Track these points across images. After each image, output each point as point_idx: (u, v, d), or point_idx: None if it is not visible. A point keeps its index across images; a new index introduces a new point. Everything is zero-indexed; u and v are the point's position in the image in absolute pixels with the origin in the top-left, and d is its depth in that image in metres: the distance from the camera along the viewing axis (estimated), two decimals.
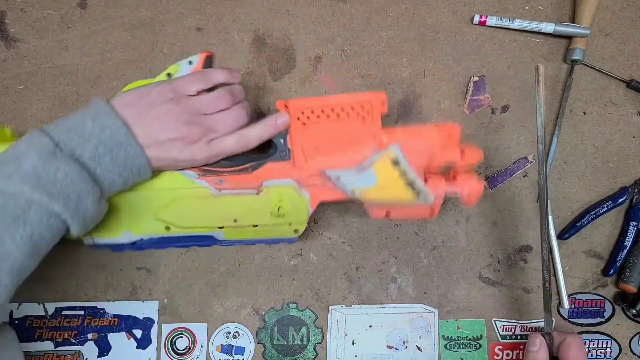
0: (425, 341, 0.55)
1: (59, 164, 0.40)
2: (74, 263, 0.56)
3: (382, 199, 0.47)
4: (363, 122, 0.46)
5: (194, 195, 0.48)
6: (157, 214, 0.48)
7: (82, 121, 0.42)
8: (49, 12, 0.59)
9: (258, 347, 0.55)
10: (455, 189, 0.47)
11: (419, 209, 0.48)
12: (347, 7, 0.59)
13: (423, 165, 0.46)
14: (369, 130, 0.46)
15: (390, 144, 0.46)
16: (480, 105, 0.58)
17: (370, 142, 0.47)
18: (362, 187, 0.46)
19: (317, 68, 0.58)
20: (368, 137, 0.47)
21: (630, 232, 0.55)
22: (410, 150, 0.46)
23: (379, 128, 0.46)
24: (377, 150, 0.46)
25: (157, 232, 0.49)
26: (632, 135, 0.57)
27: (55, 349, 0.55)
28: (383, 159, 0.46)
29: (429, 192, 0.46)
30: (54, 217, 0.40)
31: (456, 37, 0.59)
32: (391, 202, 0.47)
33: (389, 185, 0.46)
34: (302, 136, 0.47)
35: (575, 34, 0.57)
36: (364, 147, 0.47)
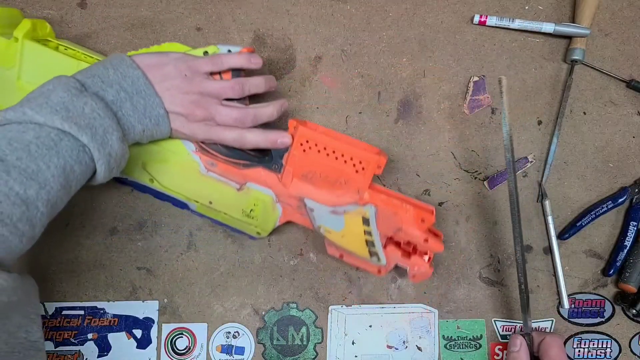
0: (425, 341, 0.55)
1: (86, 99, 0.42)
2: (74, 263, 0.56)
3: (341, 245, 0.50)
4: (355, 173, 0.49)
5: (185, 165, 0.51)
6: (146, 166, 0.51)
7: (104, 69, 0.45)
8: (49, 12, 0.59)
9: (258, 347, 0.55)
10: (407, 265, 0.50)
11: (370, 265, 0.51)
12: (347, 7, 0.59)
13: (388, 234, 0.50)
14: (357, 182, 0.49)
15: (369, 204, 0.49)
16: (480, 105, 0.58)
17: (353, 194, 0.50)
18: (329, 227, 0.50)
19: (317, 68, 0.58)
20: (353, 188, 0.50)
21: (630, 232, 0.55)
22: (383, 216, 0.49)
23: (366, 185, 0.49)
24: (356, 203, 0.50)
25: (141, 180, 0.52)
26: (632, 135, 0.57)
27: (55, 349, 0.55)
28: (356, 213, 0.49)
29: (382, 257, 0.50)
30: (83, 151, 0.41)
31: (456, 37, 0.59)
32: (348, 250, 0.50)
33: (351, 237, 0.50)
34: (298, 160, 0.50)
35: (575, 34, 0.57)
36: (346, 195, 0.50)
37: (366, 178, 0.49)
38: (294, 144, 0.50)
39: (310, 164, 0.50)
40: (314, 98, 0.58)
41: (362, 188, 0.49)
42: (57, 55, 0.53)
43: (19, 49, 0.51)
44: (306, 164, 0.50)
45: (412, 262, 0.50)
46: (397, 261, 0.50)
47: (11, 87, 0.52)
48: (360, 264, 0.52)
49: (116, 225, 0.56)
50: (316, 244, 0.56)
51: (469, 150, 0.57)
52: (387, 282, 0.56)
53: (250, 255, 0.56)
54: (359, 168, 0.49)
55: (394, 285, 0.56)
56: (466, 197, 0.57)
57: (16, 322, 0.39)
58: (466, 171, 0.57)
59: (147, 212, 0.56)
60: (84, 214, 0.56)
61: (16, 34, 0.51)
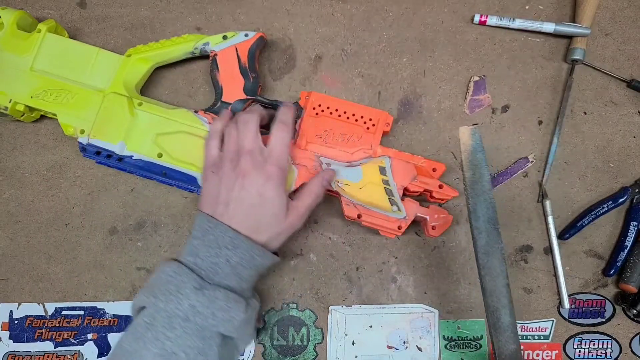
0: (425, 341, 0.55)
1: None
2: (74, 263, 0.56)
3: (360, 199, 0.51)
4: (366, 131, 0.52)
5: (197, 134, 0.53)
6: (156, 139, 0.52)
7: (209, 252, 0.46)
8: (49, 12, 0.59)
9: (258, 348, 0.55)
10: (426, 215, 0.51)
11: (389, 221, 0.50)
12: (347, 6, 0.59)
13: (404, 184, 0.51)
14: (369, 138, 0.52)
15: (384, 155, 0.52)
16: (480, 105, 0.58)
17: (366, 148, 0.52)
18: (347, 180, 0.51)
19: (317, 68, 0.58)
20: (366, 144, 0.52)
21: (631, 232, 0.55)
22: (398, 167, 0.51)
23: (377, 140, 0.52)
24: (370, 157, 0.52)
25: (148, 155, 0.52)
26: (633, 135, 0.57)
27: (55, 349, 0.55)
28: (373, 163, 0.51)
29: (402, 207, 0.50)
30: None
31: (456, 36, 0.59)
32: (367, 204, 0.51)
33: (370, 187, 0.51)
34: (311, 123, 0.53)
35: (576, 34, 0.57)
36: (360, 150, 0.52)
37: (377, 134, 0.52)
38: (307, 110, 0.53)
39: (322, 125, 0.53)
40: None
41: (374, 142, 0.52)
42: (76, 43, 0.55)
43: (39, 39, 0.54)
44: (319, 125, 0.53)
45: (432, 211, 0.51)
46: (416, 211, 0.51)
47: (22, 74, 0.54)
48: (380, 221, 0.50)
49: (116, 225, 0.56)
50: (316, 244, 0.56)
51: None
52: (388, 282, 0.56)
53: None
54: (369, 125, 0.52)
55: (394, 286, 0.56)
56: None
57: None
58: None
59: (147, 212, 0.56)
60: (84, 214, 0.56)
61: (40, 27, 0.54)
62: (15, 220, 0.57)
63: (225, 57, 0.54)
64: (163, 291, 0.43)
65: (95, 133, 0.52)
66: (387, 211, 0.50)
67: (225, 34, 0.54)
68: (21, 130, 0.58)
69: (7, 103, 0.53)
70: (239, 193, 0.46)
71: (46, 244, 0.56)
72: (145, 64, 0.55)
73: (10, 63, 0.53)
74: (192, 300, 0.42)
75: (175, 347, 0.41)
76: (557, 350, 0.55)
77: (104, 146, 0.52)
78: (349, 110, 0.53)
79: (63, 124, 0.53)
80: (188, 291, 0.42)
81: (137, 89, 0.55)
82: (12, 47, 0.53)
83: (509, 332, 0.43)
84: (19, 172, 0.57)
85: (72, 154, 0.57)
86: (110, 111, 0.52)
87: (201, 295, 0.43)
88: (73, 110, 0.53)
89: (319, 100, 0.53)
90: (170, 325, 0.42)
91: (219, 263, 0.44)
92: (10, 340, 0.55)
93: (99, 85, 0.54)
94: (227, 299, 0.43)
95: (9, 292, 0.56)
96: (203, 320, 0.42)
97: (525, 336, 0.55)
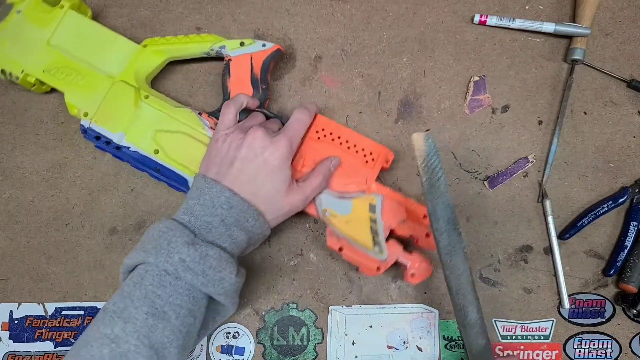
0: (425, 341, 0.55)
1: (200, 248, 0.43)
2: (74, 263, 0.56)
3: (344, 232, 0.49)
4: (365, 164, 0.51)
5: (197, 137, 0.53)
6: (156, 135, 0.53)
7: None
8: None
9: (258, 348, 0.55)
10: (408, 261, 0.50)
11: (369, 260, 0.49)
12: (347, 6, 0.59)
13: (392, 225, 0.50)
14: (366, 172, 0.51)
15: (376, 193, 0.50)
16: (480, 105, 0.58)
17: (361, 182, 0.51)
18: (335, 211, 0.49)
19: (317, 68, 0.58)
20: (361, 177, 0.51)
21: (631, 232, 0.55)
22: (389, 207, 0.50)
23: (374, 176, 0.51)
24: (363, 192, 0.51)
25: (145, 149, 0.52)
26: (633, 135, 0.57)
27: (55, 349, 0.55)
28: (364, 199, 0.49)
29: (385, 249, 0.49)
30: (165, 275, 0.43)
31: (456, 36, 0.59)
32: (351, 238, 0.49)
33: (357, 223, 0.49)
34: (311, 146, 0.52)
35: (576, 34, 0.57)
36: (354, 184, 0.51)
37: (375, 170, 0.51)
38: (310, 131, 0.52)
39: (321, 151, 0.52)
40: (314, 98, 0.58)
41: (370, 178, 0.51)
42: (95, 25, 0.55)
43: (60, 15, 0.54)
44: (318, 150, 0.52)
45: (414, 258, 0.50)
46: (398, 256, 0.50)
47: (39, 47, 0.54)
48: (360, 258, 0.50)
49: (116, 225, 0.56)
50: (316, 244, 0.56)
51: (469, 150, 0.57)
52: (388, 282, 0.56)
53: (250, 255, 0.56)
54: (369, 159, 0.51)
55: (394, 286, 0.56)
56: (466, 197, 0.57)
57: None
58: (466, 171, 0.57)
59: (147, 212, 0.56)
60: (84, 214, 0.57)
61: (63, 2, 0.55)
62: (15, 220, 0.57)
63: (238, 64, 0.53)
64: (154, 245, 0.42)
65: (97, 118, 0.52)
66: (368, 250, 0.49)
67: (243, 41, 0.54)
68: (21, 130, 0.58)
69: (19, 73, 0.54)
70: (246, 152, 0.46)
71: (46, 244, 0.56)
72: (160, 57, 0.55)
73: (29, 34, 0.54)
74: (182, 254, 0.41)
75: (166, 305, 0.41)
76: (557, 350, 0.55)
77: (104, 133, 0.52)
78: (351, 140, 0.52)
79: (69, 103, 0.53)
80: (179, 245, 0.42)
81: (147, 80, 0.56)
82: (34, 18, 0.54)
83: (477, 327, 0.45)
84: (19, 172, 0.57)
85: (72, 154, 0.57)
86: (115, 99, 0.53)
87: (193, 250, 0.42)
88: (81, 92, 0.53)
89: (324, 124, 0.52)
90: (160, 283, 0.41)
91: (213, 222, 0.44)
92: (10, 340, 0.55)
93: (110, 71, 0.54)
94: (219, 258, 0.43)
95: (9, 292, 0.56)
96: (193, 277, 0.41)
97: (525, 336, 0.55)
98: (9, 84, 0.58)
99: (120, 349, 0.38)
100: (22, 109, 0.58)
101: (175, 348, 0.41)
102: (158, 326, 0.40)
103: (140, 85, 0.54)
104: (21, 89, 0.58)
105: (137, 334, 0.39)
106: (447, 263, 0.44)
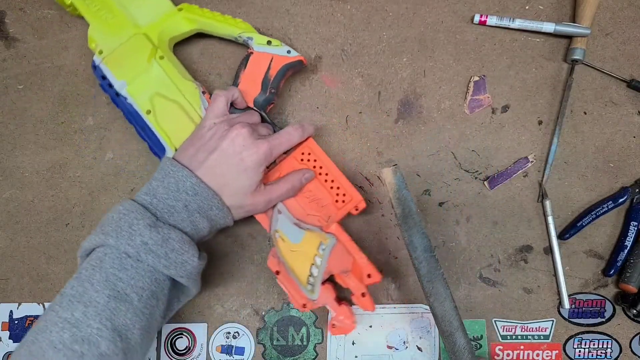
0: (425, 341, 0.55)
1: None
2: (74, 263, 0.56)
3: (286, 258, 0.48)
4: (334, 203, 0.52)
5: (190, 115, 0.53)
6: (154, 97, 0.53)
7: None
8: (49, 12, 0.59)
9: (258, 348, 0.55)
10: (334, 311, 0.50)
11: (299, 294, 0.49)
12: (347, 6, 0.59)
13: (332, 271, 0.49)
14: (331, 211, 0.51)
15: (332, 234, 0.49)
16: (480, 105, 0.58)
17: (323, 219, 0.51)
18: (285, 235, 0.49)
19: (317, 68, 0.58)
20: (325, 214, 0.51)
21: (631, 232, 0.55)
22: (337, 252, 0.48)
23: (338, 217, 0.51)
24: (320, 228, 0.50)
25: (139, 106, 0.53)
26: (633, 135, 0.57)
27: None
28: (317, 236, 0.49)
29: (317, 290, 0.48)
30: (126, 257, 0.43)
31: (456, 36, 0.59)
32: (289, 267, 0.48)
33: (301, 256, 0.48)
34: (291, 165, 0.52)
35: (576, 34, 0.57)
36: (316, 217, 0.51)
37: (341, 212, 0.51)
38: (297, 151, 0.52)
39: None
40: (314, 98, 0.58)
41: (334, 218, 0.51)
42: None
43: None
44: None
45: (341, 310, 0.50)
46: (327, 302, 0.50)
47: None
48: (291, 289, 0.50)
49: None
50: None
51: (470, 150, 0.57)
52: (388, 282, 0.56)
53: (250, 255, 0.56)
54: (339, 199, 0.51)
55: (394, 286, 0.56)
56: (466, 197, 0.57)
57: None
58: (466, 171, 0.57)
59: None
60: (84, 214, 0.56)
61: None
62: (15, 220, 0.57)
63: (258, 59, 0.53)
64: (114, 228, 0.42)
65: (108, 60, 0.53)
66: (301, 285, 0.48)
67: (271, 40, 0.54)
68: (21, 130, 0.58)
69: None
70: (226, 146, 0.46)
71: (46, 244, 0.56)
72: (190, 25, 0.55)
73: None
74: (145, 237, 0.41)
75: (128, 288, 0.41)
76: (557, 350, 0.55)
77: (109, 76, 0.53)
78: (331, 175, 0.52)
79: (90, 36, 0.54)
80: (141, 227, 0.42)
81: (170, 42, 0.56)
82: None
83: (467, 352, 0.46)
84: (19, 172, 0.57)
85: (72, 154, 0.57)
86: (131, 49, 0.53)
87: (155, 232, 0.42)
88: (104, 29, 0.54)
89: (312, 149, 0.52)
90: (121, 266, 0.41)
91: (176, 206, 0.44)
92: (10, 340, 0.55)
93: (139, 21, 0.54)
94: (181, 241, 0.43)
95: (9, 292, 0.56)
96: (155, 260, 0.41)
97: (525, 336, 0.55)
98: (9, 84, 0.58)
99: (82, 333, 0.38)
100: (22, 109, 0.58)
101: (139, 330, 0.41)
102: (120, 309, 0.40)
103: (160, 45, 0.54)
104: (21, 89, 0.58)
105: (99, 317, 0.39)
106: (430, 290, 0.45)
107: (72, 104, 0.58)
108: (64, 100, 0.58)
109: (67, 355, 0.37)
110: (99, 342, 0.38)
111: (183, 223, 0.44)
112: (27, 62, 0.59)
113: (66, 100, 0.58)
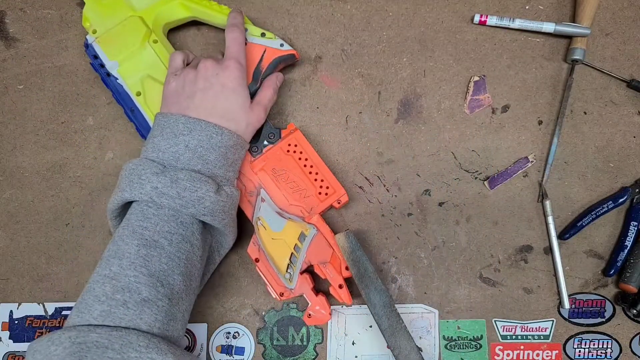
0: (425, 341, 0.55)
1: None
2: (74, 263, 0.56)
3: (266, 247, 0.50)
4: (317, 195, 0.52)
5: None
6: (145, 80, 0.53)
7: None
8: (49, 12, 0.59)
9: (258, 348, 0.55)
10: (311, 300, 0.51)
11: (277, 283, 0.51)
12: (347, 6, 0.59)
13: (312, 261, 0.50)
14: (313, 202, 0.52)
15: (313, 225, 0.51)
16: (480, 105, 0.58)
17: (305, 209, 0.52)
18: (267, 223, 0.50)
19: (317, 68, 0.58)
20: (308, 206, 0.52)
21: (631, 232, 0.55)
22: (318, 244, 0.50)
23: (320, 209, 0.52)
24: (302, 219, 0.52)
25: (130, 86, 0.53)
26: (633, 135, 0.57)
27: None
28: (298, 225, 0.50)
29: (295, 279, 0.50)
30: None
31: (456, 36, 0.59)
32: (269, 255, 0.50)
33: (281, 244, 0.50)
34: (277, 156, 0.53)
35: (576, 34, 0.57)
36: (298, 208, 0.52)
37: (323, 204, 0.52)
38: (283, 142, 0.53)
39: (284, 164, 0.53)
40: (314, 98, 0.58)
41: (316, 210, 0.52)
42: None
43: None
44: (281, 162, 0.53)
45: (317, 301, 0.51)
46: (304, 291, 0.50)
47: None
48: (270, 277, 0.51)
49: None
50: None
51: (470, 150, 0.57)
52: (388, 283, 0.56)
53: None
54: (323, 192, 0.52)
55: (395, 286, 0.56)
56: (466, 197, 0.57)
57: None
58: (466, 171, 0.57)
59: None
60: (84, 214, 0.56)
61: None
62: (15, 220, 0.57)
63: (251, 50, 0.54)
64: (127, 182, 0.44)
65: (101, 40, 0.53)
66: (280, 273, 0.50)
67: (265, 32, 0.54)
68: (21, 130, 0.58)
69: None
70: (203, 84, 0.48)
71: (46, 244, 0.56)
72: (185, 12, 0.56)
73: None
74: (153, 182, 0.43)
75: (155, 234, 0.42)
76: (557, 350, 0.55)
77: (101, 56, 0.53)
78: (315, 167, 0.52)
79: (85, 14, 0.54)
80: (149, 175, 0.43)
81: (165, 28, 0.56)
82: None
83: None
84: (19, 172, 0.57)
85: (72, 154, 0.57)
86: (125, 31, 0.53)
87: (162, 177, 0.43)
88: (99, 9, 0.54)
89: (299, 141, 0.53)
90: (144, 216, 0.43)
91: (178, 150, 0.45)
92: (10, 340, 0.55)
93: (135, 3, 0.55)
94: (191, 179, 0.44)
95: (9, 292, 0.56)
96: (170, 201, 0.43)
97: (525, 336, 0.55)
98: (9, 84, 0.58)
99: (121, 283, 0.40)
100: (22, 109, 0.58)
101: (179, 275, 0.42)
102: (153, 254, 0.42)
103: (154, 29, 0.54)
104: (21, 89, 0.58)
105: (134, 266, 0.41)
106: (393, 344, 0.47)
107: (72, 104, 0.58)
108: (64, 100, 0.58)
109: (111, 304, 0.39)
110: (140, 289, 0.40)
111: (191, 162, 0.45)
112: (27, 62, 0.59)
113: (66, 100, 0.58)
